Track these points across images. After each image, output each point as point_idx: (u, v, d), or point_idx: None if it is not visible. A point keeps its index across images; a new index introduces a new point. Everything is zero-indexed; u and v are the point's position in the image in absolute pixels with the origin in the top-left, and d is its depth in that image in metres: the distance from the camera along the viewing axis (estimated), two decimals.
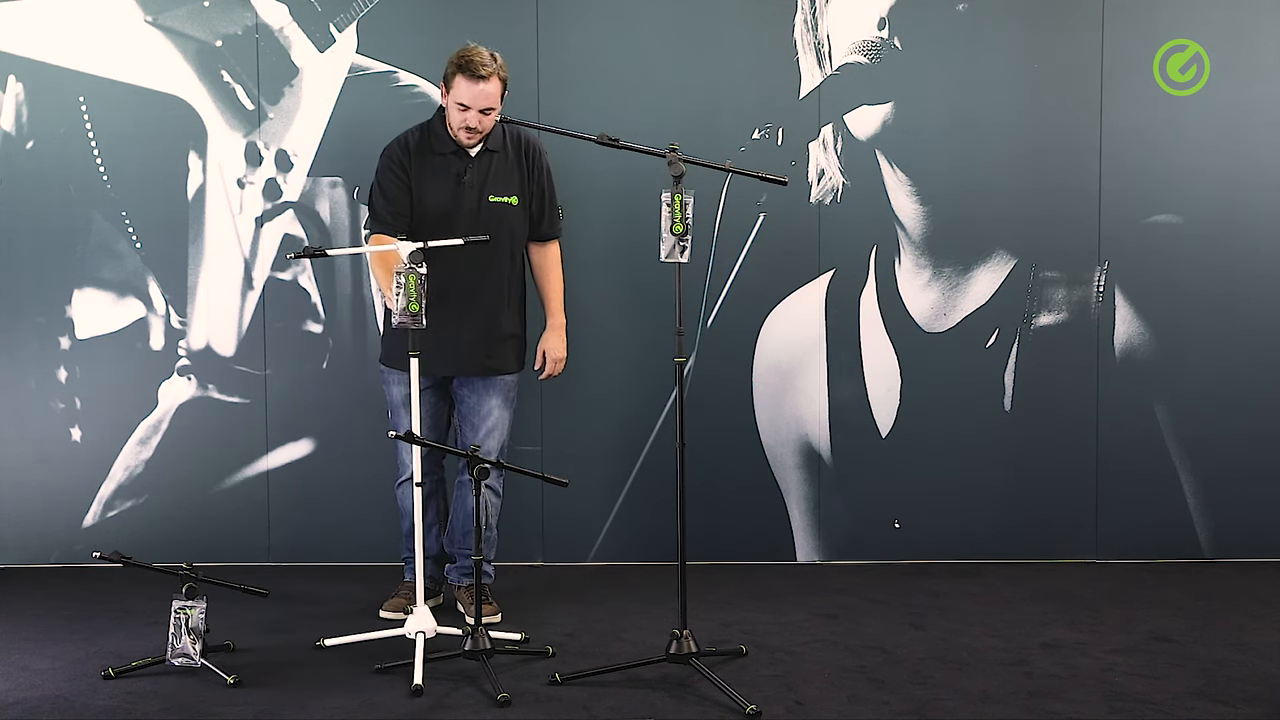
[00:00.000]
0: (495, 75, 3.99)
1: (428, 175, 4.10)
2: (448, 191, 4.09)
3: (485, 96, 3.98)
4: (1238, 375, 4.88)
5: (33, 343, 4.87)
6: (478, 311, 4.12)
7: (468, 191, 4.09)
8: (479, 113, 4.00)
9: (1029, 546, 4.93)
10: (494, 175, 4.12)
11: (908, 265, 4.88)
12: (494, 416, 4.17)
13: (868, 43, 4.82)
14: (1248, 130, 4.85)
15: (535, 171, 4.19)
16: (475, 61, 3.98)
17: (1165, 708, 3.40)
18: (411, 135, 4.16)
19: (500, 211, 4.11)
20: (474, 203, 4.09)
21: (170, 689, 3.58)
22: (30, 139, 4.83)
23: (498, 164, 4.12)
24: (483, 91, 3.97)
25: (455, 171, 4.09)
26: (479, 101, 3.98)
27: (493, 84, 3.99)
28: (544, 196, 4.22)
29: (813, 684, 3.59)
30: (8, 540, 4.90)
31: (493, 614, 4.16)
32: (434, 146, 4.10)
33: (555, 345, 4.28)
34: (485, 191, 4.10)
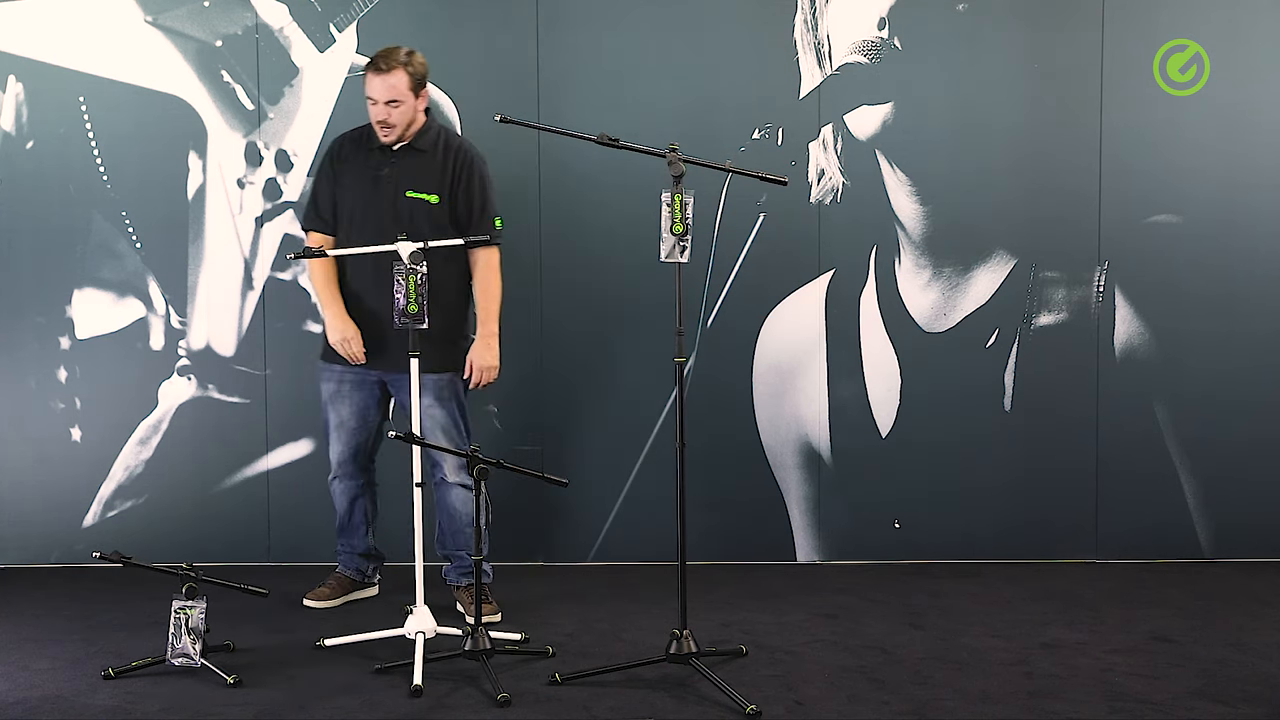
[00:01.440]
0: (400, 68, 4.04)
1: (353, 169, 4.19)
2: (367, 185, 4.16)
3: (389, 89, 4.03)
4: (1238, 375, 4.88)
5: (33, 343, 4.87)
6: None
7: (385, 185, 4.14)
8: (385, 105, 4.05)
9: (1029, 546, 4.93)
10: (414, 172, 4.14)
11: (908, 265, 4.88)
12: (434, 417, 4.17)
13: (868, 43, 4.82)
14: (1248, 130, 4.85)
15: (463, 175, 4.16)
16: (379, 55, 4.08)
17: (1165, 708, 3.40)
18: (355, 131, 4.27)
19: (415, 206, 4.13)
20: (390, 197, 4.13)
21: (170, 689, 3.58)
22: (30, 139, 4.83)
23: (421, 162, 4.15)
24: (386, 83, 4.03)
25: (375, 165, 4.16)
26: (383, 94, 4.04)
27: (396, 76, 4.04)
28: (472, 203, 4.17)
29: (813, 684, 3.59)
30: (8, 540, 4.90)
31: (492, 613, 4.16)
32: (367, 143, 4.19)
33: (481, 354, 4.20)
34: (402, 187, 4.13)
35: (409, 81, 4.06)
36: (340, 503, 4.39)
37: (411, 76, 4.07)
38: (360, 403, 4.26)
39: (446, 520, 4.26)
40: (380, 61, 4.06)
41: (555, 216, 4.85)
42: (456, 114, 4.82)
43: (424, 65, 4.13)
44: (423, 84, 4.13)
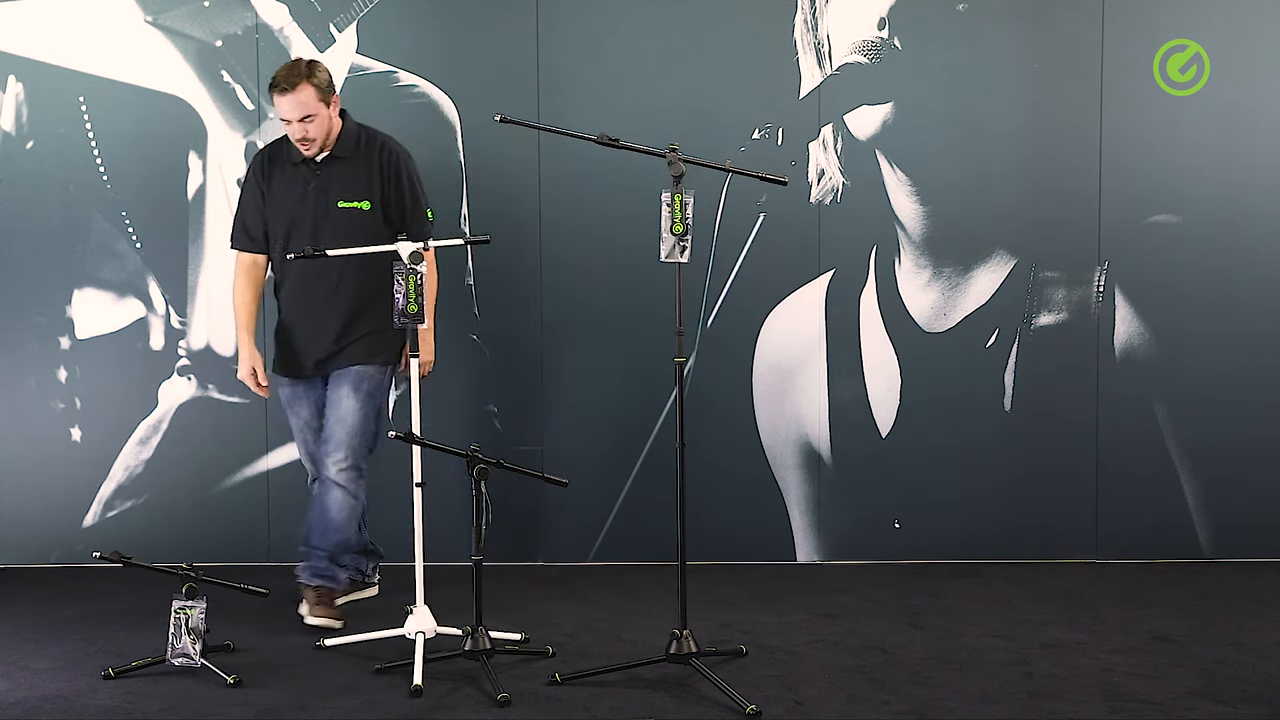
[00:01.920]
0: (303, 82, 3.96)
1: (280, 186, 4.13)
2: (295, 200, 4.10)
3: (299, 105, 3.96)
4: (1237, 375, 4.88)
5: (33, 343, 4.88)
6: (335, 317, 4.13)
7: (315, 198, 4.09)
8: (300, 123, 3.99)
9: (1029, 546, 4.93)
10: (342, 181, 4.09)
11: (908, 265, 4.88)
12: (343, 405, 4.15)
13: (868, 43, 4.82)
14: (1248, 130, 4.85)
15: (392, 176, 4.13)
16: (280, 75, 3.99)
17: (1165, 708, 3.40)
18: (273, 146, 4.22)
19: (349, 216, 4.09)
20: (321, 209, 4.08)
21: (170, 689, 3.58)
22: (30, 139, 4.84)
23: (346, 170, 4.10)
24: (294, 102, 3.96)
25: (303, 179, 4.10)
26: (294, 112, 3.97)
27: (303, 92, 3.96)
28: (404, 200, 4.14)
29: (813, 684, 3.59)
30: (8, 540, 4.91)
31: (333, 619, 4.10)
32: (289, 157, 4.13)
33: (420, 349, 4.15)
34: (332, 197, 4.08)
35: (316, 94, 3.99)
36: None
37: (317, 88, 3.99)
38: (317, 400, 4.23)
39: (318, 519, 4.19)
40: (282, 82, 3.97)
41: (555, 216, 4.85)
42: (456, 114, 4.82)
43: (327, 73, 4.05)
44: (330, 90, 4.05)
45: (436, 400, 4.57)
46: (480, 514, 3.60)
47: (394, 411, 4.87)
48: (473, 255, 4.84)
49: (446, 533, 4.32)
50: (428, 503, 3.88)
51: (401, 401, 4.84)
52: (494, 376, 4.91)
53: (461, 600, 3.80)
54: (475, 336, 4.89)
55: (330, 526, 4.18)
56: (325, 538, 4.19)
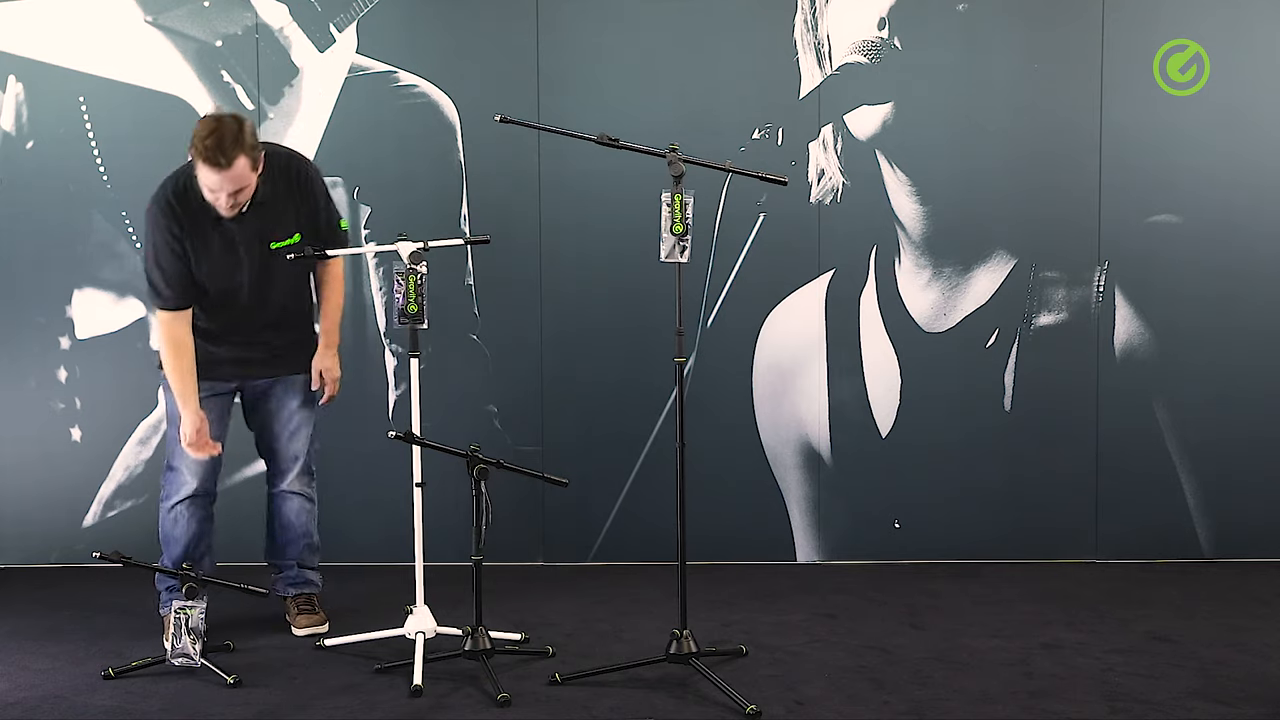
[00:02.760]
0: (240, 155, 3.63)
1: (203, 243, 3.82)
2: (226, 256, 3.85)
3: (233, 180, 3.66)
4: (1238, 375, 4.88)
5: (33, 343, 4.88)
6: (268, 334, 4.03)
7: (248, 249, 3.86)
8: (231, 192, 3.70)
9: (1029, 546, 4.93)
10: (269, 224, 3.88)
11: (908, 265, 4.88)
12: (296, 416, 4.12)
13: (868, 43, 4.82)
14: (1248, 130, 4.85)
15: (308, 197, 3.95)
16: (210, 146, 3.61)
17: (1165, 708, 3.40)
18: (176, 196, 3.79)
19: (281, 253, 3.91)
20: (255, 258, 3.88)
21: (170, 689, 3.58)
22: (30, 139, 4.84)
23: (270, 210, 3.86)
24: (229, 177, 3.65)
25: (228, 234, 3.83)
26: (227, 185, 3.67)
27: (238, 166, 3.64)
28: (318, 216, 3.97)
29: (813, 684, 3.59)
30: (8, 540, 4.91)
31: (319, 624, 4.10)
32: (204, 212, 3.79)
33: (332, 364, 4.11)
34: (263, 242, 3.88)
35: (249, 164, 3.68)
36: (189, 530, 4.03)
37: (250, 156, 3.68)
38: (220, 411, 4.03)
39: (280, 531, 4.17)
40: (217, 156, 3.60)
41: (555, 216, 4.85)
42: (456, 114, 4.82)
43: (253, 130, 3.71)
44: (259, 150, 3.72)
45: (436, 400, 4.57)
46: (480, 514, 3.60)
47: (394, 411, 4.87)
48: (473, 255, 4.84)
49: (446, 533, 4.32)
50: (428, 503, 3.88)
51: (402, 401, 4.85)
52: (494, 376, 4.91)
53: (461, 600, 3.81)
54: (475, 336, 4.89)
55: (295, 534, 4.18)
56: (292, 547, 4.18)
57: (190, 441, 3.90)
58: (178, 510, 4.04)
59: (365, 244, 4.80)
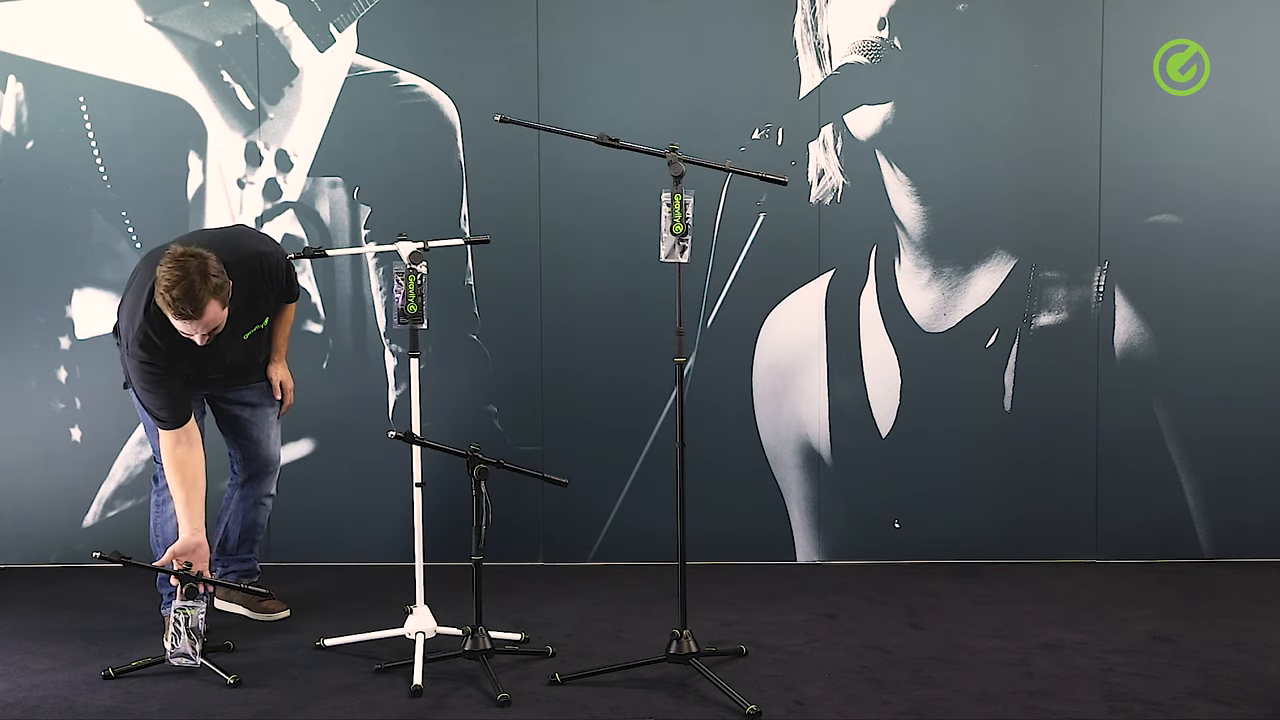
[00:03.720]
0: (209, 300, 3.58)
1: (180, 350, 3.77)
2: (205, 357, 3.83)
3: (204, 325, 3.63)
4: (1238, 375, 4.88)
5: (33, 343, 4.88)
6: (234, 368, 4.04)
7: (222, 343, 3.83)
8: (207, 333, 3.67)
9: (1029, 546, 4.93)
10: (241, 322, 3.89)
11: (908, 265, 4.88)
12: (269, 421, 4.18)
13: (868, 43, 4.82)
14: (1248, 130, 4.85)
15: (274, 285, 3.95)
16: (178, 296, 3.53)
17: (1165, 708, 3.40)
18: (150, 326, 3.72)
19: (256, 336, 3.99)
20: (229, 346, 3.88)
21: (170, 689, 3.58)
22: (30, 139, 4.84)
23: (242, 316, 3.87)
24: (203, 323, 3.62)
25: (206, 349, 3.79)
26: (199, 330, 3.64)
27: (209, 312, 3.60)
28: (282, 285, 4.00)
29: (813, 684, 3.59)
30: (8, 540, 4.91)
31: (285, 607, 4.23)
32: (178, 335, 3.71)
33: (286, 375, 4.19)
34: (238, 335, 3.90)
35: (219, 305, 3.64)
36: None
37: (219, 298, 3.63)
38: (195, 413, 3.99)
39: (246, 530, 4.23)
40: (186, 309, 3.54)
41: (555, 216, 4.85)
42: (456, 114, 4.82)
43: (218, 267, 3.61)
44: (225, 285, 3.65)
45: (437, 400, 4.58)
46: (480, 514, 3.60)
47: (394, 411, 4.87)
48: (473, 255, 4.84)
49: (446, 533, 4.32)
50: (428, 503, 3.88)
51: (401, 401, 4.85)
52: (494, 376, 4.91)
53: (461, 600, 3.81)
54: (475, 336, 4.89)
55: (257, 537, 4.29)
56: (252, 544, 4.26)
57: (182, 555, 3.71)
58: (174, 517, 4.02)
59: (365, 244, 4.80)
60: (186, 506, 3.81)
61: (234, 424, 4.17)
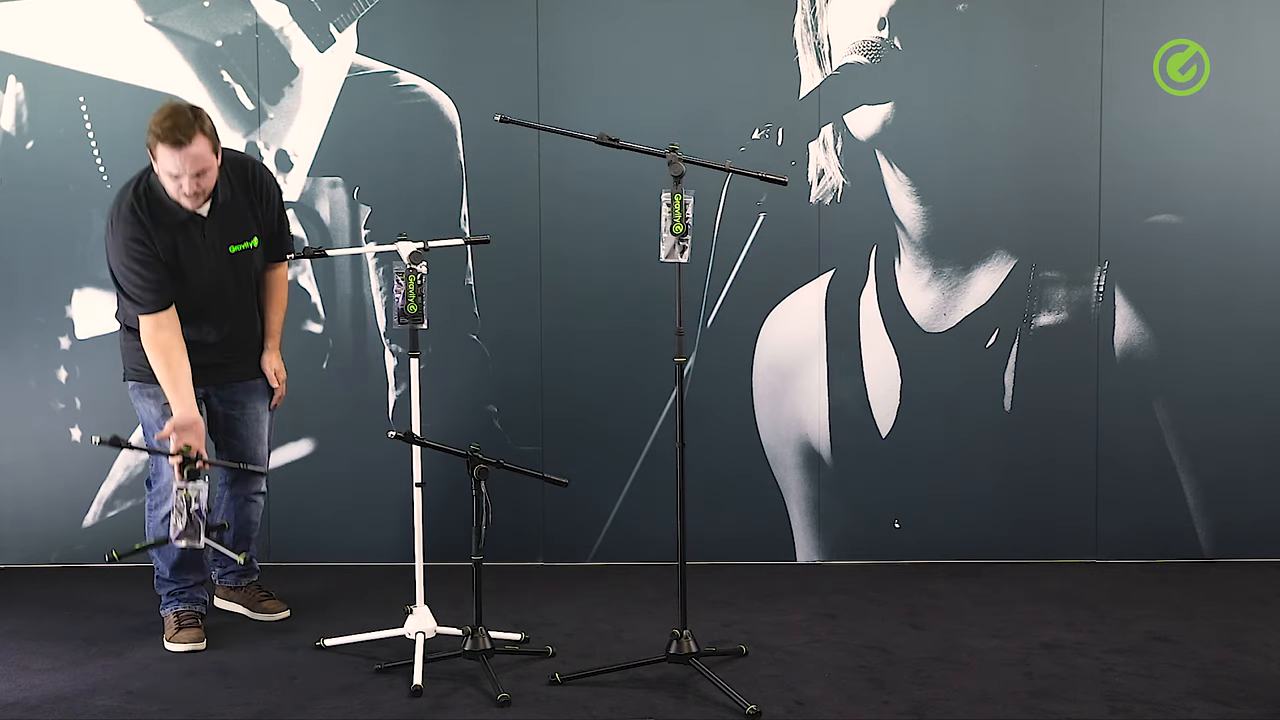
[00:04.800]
0: (199, 134, 3.65)
1: (169, 244, 3.80)
2: (191, 257, 3.85)
3: (194, 160, 3.67)
4: (1238, 375, 4.88)
5: (33, 343, 4.88)
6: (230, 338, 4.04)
7: (208, 252, 3.87)
8: (193, 177, 3.70)
9: (1029, 546, 4.93)
10: (230, 226, 3.90)
11: (908, 265, 4.88)
12: (261, 420, 4.17)
13: (868, 43, 4.82)
14: (1248, 130, 4.85)
15: (266, 202, 3.98)
16: (173, 123, 3.64)
17: (1165, 708, 3.40)
18: (139, 203, 3.79)
19: (243, 259, 3.96)
20: (214, 260, 3.89)
21: (170, 689, 3.59)
22: (30, 139, 4.84)
23: (230, 213, 3.89)
24: (189, 155, 3.65)
25: (193, 233, 3.84)
26: (189, 166, 3.67)
27: (198, 144, 3.65)
28: (275, 222, 4.03)
29: (813, 684, 3.59)
30: (8, 540, 4.91)
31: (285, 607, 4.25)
32: (166, 213, 3.80)
33: (279, 365, 4.18)
34: (225, 244, 3.90)
35: (209, 144, 3.69)
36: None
37: (210, 137, 3.70)
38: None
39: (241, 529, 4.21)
40: (176, 134, 3.62)
41: (555, 216, 4.85)
42: (456, 114, 4.82)
43: (209, 118, 3.73)
44: (218, 138, 3.75)
45: (436, 400, 4.58)
46: (480, 514, 3.61)
47: (394, 411, 4.87)
48: (473, 255, 4.84)
49: (446, 533, 4.32)
50: (428, 503, 3.88)
51: (401, 401, 4.85)
52: (494, 376, 4.91)
53: (461, 600, 3.81)
54: (475, 336, 4.89)
55: (252, 535, 4.27)
56: (246, 544, 4.24)
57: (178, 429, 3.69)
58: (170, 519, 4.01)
59: (365, 244, 4.80)
60: (175, 387, 3.77)
61: (224, 423, 4.14)
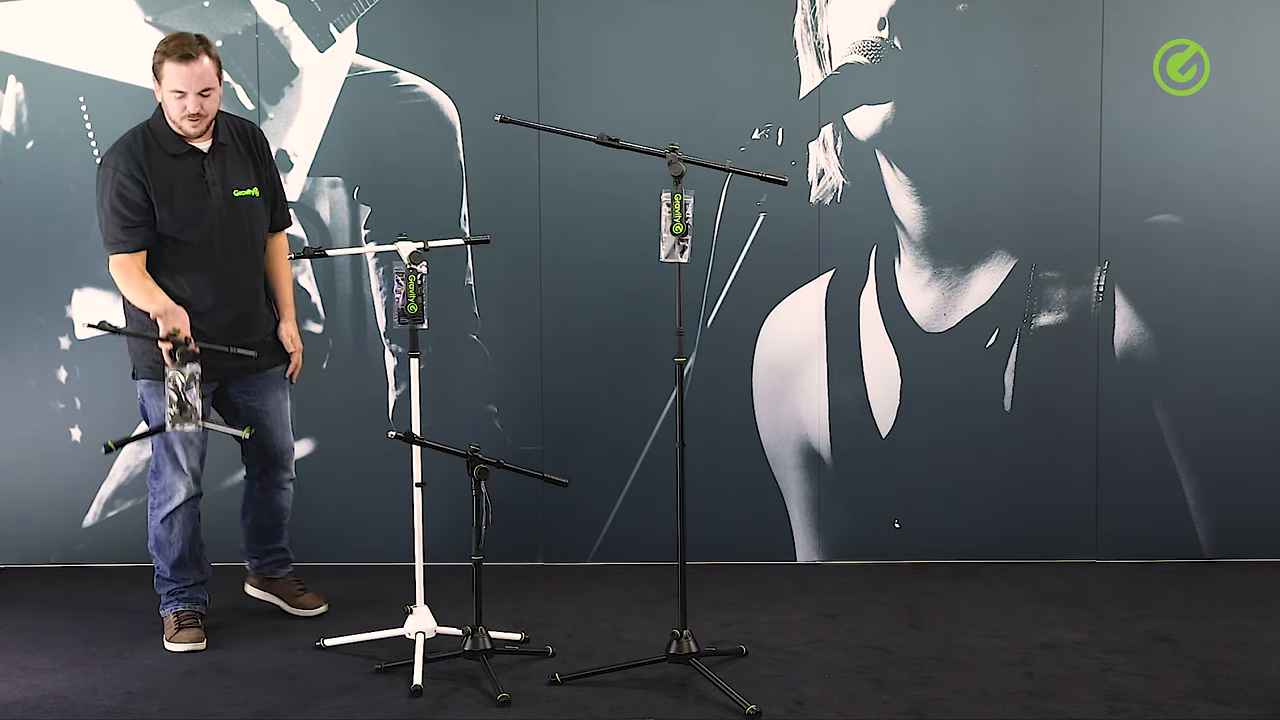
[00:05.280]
0: (205, 53, 3.81)
1: (166, 179, 3.86)
2: (193, 193, 3.89)
3: (200, 77, 3.79)
4: (1238, 375, 4.88)
5: (33, 343, 4.88)
6: (243, 310, 4.02)
7: (212, 189, 3.91)
8: (198, 96, 3.80)
9: (1029, 546, 4.93)
10: (232, 169, 3.96)
11: (908, 265, 4.88)
12: (284, 409, 4.17)
13: (868, 43, 4.82)
14: (1248, 130, 4.85)
15: (265, 160, 4.05)
16: (179, 42, 3.81)
17: (1165, 708, 3.40)
18: (134, 142, 3.89)
19: (246, 205, 3.98)
20: (220, 200, 3.93)
21: (170, 690, 3.59)
22: (30, 139, 4.84)
23: (232, 157, 3.97)
24: (195, 72, 3.78)
25: (194, 171, 3.90)
26: (195, 84, 3.79)
27: (204, 62, 3.80)
28: (275, 185, 4.11)
29: (813, 684, 3.59)
30: (8, 540, 4.91)
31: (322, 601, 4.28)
32: (166, 148, 3.88)
33: (296, 333, 4.19)
34: (228, 187, 3.94)
35: (215, 66, 3.84)
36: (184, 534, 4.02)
37: (215, 61, 3.85)
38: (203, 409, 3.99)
39: (271, 516, 4.22)
40: (186, 49, 3.77)
41: (555, 216, 4.85)
42: (456, 114, 4.82)
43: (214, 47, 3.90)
44: (222, 66, 3.90)
45: (436, 400, 4.57)
46: (480, 514, 3.61)
47: (394, 411, 4.87)
48: (473, 255, 4.84)
49: (446, 533, 4.32)
50: (428, 503, 3.88)
51: (401, 401, 4.85)
52: (494, 376, 4.91)
53: (461, 600, 3.81)
54: (475, 336, 4.89)
55: (285, 521, 4.27)
56: (280, 529, 4.25)
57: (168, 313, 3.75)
58: (172, 518, 4.03)
59: (365, 244, 4.80)
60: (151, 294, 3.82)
61: (245, 415, 4.12)
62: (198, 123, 3.86)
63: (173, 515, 4.02)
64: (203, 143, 3.93)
